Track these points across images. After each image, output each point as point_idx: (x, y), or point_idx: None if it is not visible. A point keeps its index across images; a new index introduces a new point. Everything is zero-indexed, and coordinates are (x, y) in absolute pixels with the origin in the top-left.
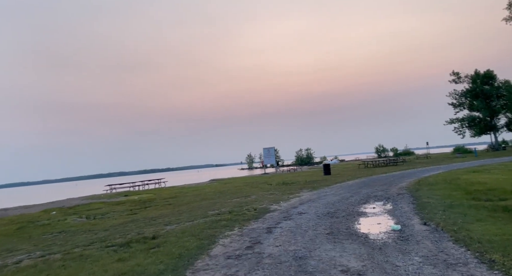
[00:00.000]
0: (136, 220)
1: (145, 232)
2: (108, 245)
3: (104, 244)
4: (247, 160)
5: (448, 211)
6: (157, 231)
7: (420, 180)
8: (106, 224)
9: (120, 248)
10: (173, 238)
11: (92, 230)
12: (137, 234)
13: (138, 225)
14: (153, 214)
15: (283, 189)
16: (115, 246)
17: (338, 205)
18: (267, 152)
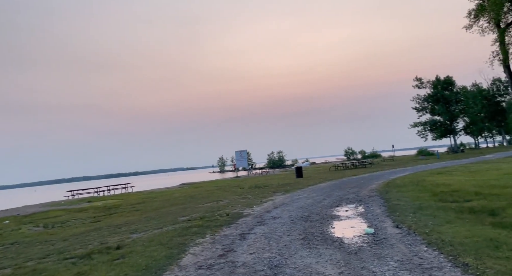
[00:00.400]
0: (100, 228)
1: (108, 242)
2: (66, 257)
3: (62, 256)
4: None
5: (418, 213)
6: (122, 240)
7: (388, 182)
8: (66, 233)
9: (80, 260)
10: (140, 247)
11: (50, 240)
12: (100, 243)
13: (102, 233)
14: (118, 221)
15: (256, 193)
16: (75, 258)
17: (312, 208)
18: (239, 155)
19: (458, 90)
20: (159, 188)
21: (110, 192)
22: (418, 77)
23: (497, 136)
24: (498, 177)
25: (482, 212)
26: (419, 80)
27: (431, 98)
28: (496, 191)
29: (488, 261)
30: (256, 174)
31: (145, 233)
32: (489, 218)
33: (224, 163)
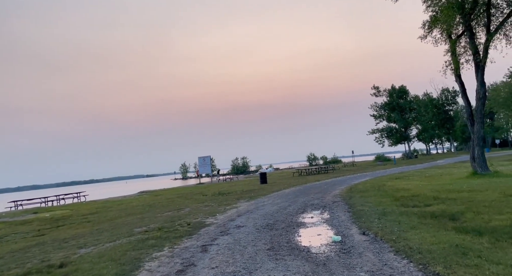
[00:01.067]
0: (43, 243)
1: (51, 259)
2: None
3: None
4: (181, 170)
5: (383, 219)
6: (67, 257)
7: (351, 187)
8: (2, 250)
9: None
10: (87, 264)
11: None
12: (41, 261)
13: (45, 249)
14: (66, 234)
15: (219, 200)
16: None
17: (277, 215)
18: (202, 161)
19: (412, 99)
20: (116, 197)
21: (60, 201)
22: (376, 86)
23: (446, 143)
24: (451, 182)
25: (443, 217)
26: (376, 89)
27: (387, 106)
28: (452, 195)
29: (458, 270)
30: (220, 180)
31: (95, 247)
32: (450, 222)
33: (186, 170)
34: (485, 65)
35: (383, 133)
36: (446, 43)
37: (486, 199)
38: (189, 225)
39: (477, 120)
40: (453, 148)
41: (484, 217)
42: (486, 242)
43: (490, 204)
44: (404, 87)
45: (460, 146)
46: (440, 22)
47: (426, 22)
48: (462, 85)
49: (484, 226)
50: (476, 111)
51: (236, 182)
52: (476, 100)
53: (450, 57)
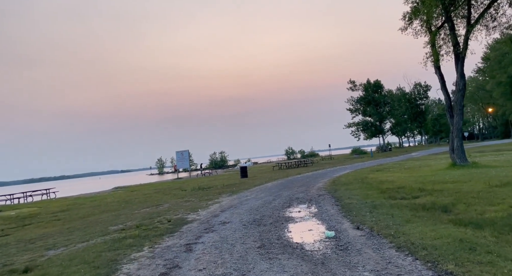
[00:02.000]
0: (6, 245)
1: (15, 262)
2: None
3: None
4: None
5: (375, 212)
6: (34, 260)
7: (334, 180)
8: None
9: None
10: (56, 268)
11: None
12: (2, 266)
13: (8, 251)
14: (33, 234)
15: (200, 195)
16: None
17: (263, 210)
18: (180, 156)
19: (386, 94)
20: (89, 193)
21: (27, 199)
22: (352, 80)
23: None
24: (432, 173)
25: (435, 209)
26: (352, 83)
27: (363, 100)
28: (437, 186)
29: (473, 268)
30: (199, 175)
31: (66, 248)
32: (444, 215)
33: (163, 165)
34: (465, 57)
35: (359, 127)
36: (426, 35)
37: (473, 190)
38: (169, 222)
39: (457, 112)
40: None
41: (477, 209)
42: (489, 235)
43: (478, 195)
44: (379, 81)
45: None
46: (421, 13)
47: (407, 13)
48: (442, 77)
49: (480, 218)
50: (455, 103)
51: (216, 177)
52: (456, 92)
53: (430, 49)
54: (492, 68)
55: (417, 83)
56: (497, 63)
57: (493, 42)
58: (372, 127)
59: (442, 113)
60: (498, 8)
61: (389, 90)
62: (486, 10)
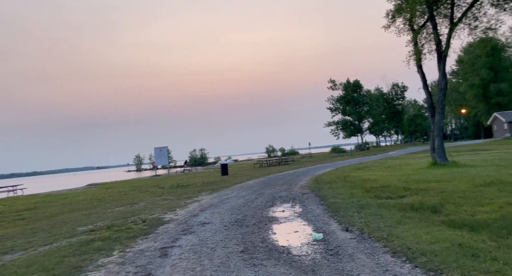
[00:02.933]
0: None
1: None
2: None
3: None
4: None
5: (362, 213)
6: None
7: (316, 178)
8: None
9: None
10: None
11: None
12: None
13: None
14: None
15: (178, 193)
16: None
17: (245, 209)
18: (159, 152)
19: (365, 93)
20: (60, 190)
21: None
22: (332, 80)
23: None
24: (414, 172)
25: (423, 209)
26: (332, 82)
27: (343, 100)
28: (422, 185)
29: None
30: (178, 172)
31: (25, 252)
32: (434, 216)
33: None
34: (448, 56)
35: (338, 126)
36: (409, 34)
37: (458, 190)
38: (144, 222)
39: (438, 111)
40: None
41: (467, 209)
42: (488, 239)
43: (464, 194)
44: (358, 81)
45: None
46: (404, 11)
47: (390, 11)
48: (423, 76)
49: (473, 220)
50: (437, 102)
51: (195, 174)
52: (438, 91)
53: (413, 47)
54: (465, 70)
55: (395, 84)
56: (470, 66)
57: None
58: (351, 126)
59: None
60: (480, 8)
61: (367, 90)
62: (469, 9)
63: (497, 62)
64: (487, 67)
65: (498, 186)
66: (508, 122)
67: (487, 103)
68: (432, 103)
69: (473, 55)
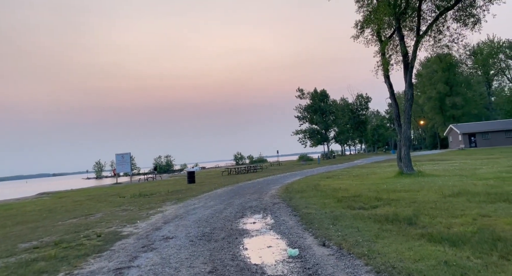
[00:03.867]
0: None
1: None
2: None
3: None
4: (95, 168)
5: (338, 225)
6: None
7: (286, 186)
8: None
9: None
10: None
11: None
12: None
13: None
14: None
15: (140, 203)
16: None
17: (213, 221)
18: (120, 159)
19: (331, 103)
20: (6, 200)
21: None
22: (300, 89)
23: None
24: (382, 181)
25: (399, 221)
26: (301, 91)
27: (310, 109)
28: (392, 195)
29: None
30: (141, 180)
31: None
32: (411, 228)
33: (101, 168)
34: (414, 67)
35: (306, 134)
36: (376, 45)
37: (428, 200)
38: (99, 237)
39: (405, 121)
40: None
41: (442, 221)
42: (472, 256)
43: (436, 205)
44: (325, 91)
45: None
46: (372, 23)
47: (359, 22)
48: (391, 86)
49: (450, 233)
50: (403, 112)
51: (160, 182)
52: (404, 101)
53: (380, 58)
54: (423, 84)
55: (359, 94)
56: (428, 79)
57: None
58: (318, 135)
59: (380, 124)
60: (444, 22)
61: (333, 100)
62: (433, 22)
63: (452, 77)
64: (443, 82)
65: (466, 197)
66: (462, 133)
67: (443, 115)
68: (399, 113)
69: (431, 70)
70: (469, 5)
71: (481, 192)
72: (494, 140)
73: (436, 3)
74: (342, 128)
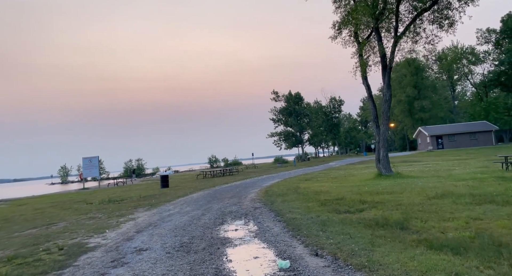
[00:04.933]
0: None
1: None
2: None
3: None
4: (61, 173)
5: (328, 231)
6: None
7: (266, 189)
8: None
9: None
10: None
11: None
12: None
13: None
14: None
15: (109, 209)
16: None
17: (191, 229)
18: (88, 162)
19: (305, 106)
20: None
21: None
22: (275, 91)
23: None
24: (362, 183)
25: (390, 226)
26: (275, 94)
27: (285, 111)
28: (376, 198)
29: None
30: (110, 185)
31: None
32: (405, 234)
33: (67, 173)
34: (392, 67)
35: (281, 137)
36: (354, 46)
37: (413, 202)
38: (61, 251)
39: (383, 122)
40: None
41: (434, 226)
42: (481, 265)
43: (423, 208)
44: (299, 93)
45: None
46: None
47: (336, 22)
48: (369, 87)
49: (449, 239)
50: (382, 113)
51: (131, 186)
52: (383, 102)
53: (358, 59)
54: (394, 87)
55: (333, 97)
56: (397, 83)
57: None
58: (293, 137)
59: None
60: (421, 24)
61: (307, 103)
62: (411, 23)
63: (420, 81)
64: (411, 85)
65: (451, 198)
66: (430, 136)
67: (412, 118)
68: (377, 115)
69: (400, 74)
70: (445, 7)
71: (464, 194)
72: (460, 142)
73: (413, 4)
74: (316, 130)
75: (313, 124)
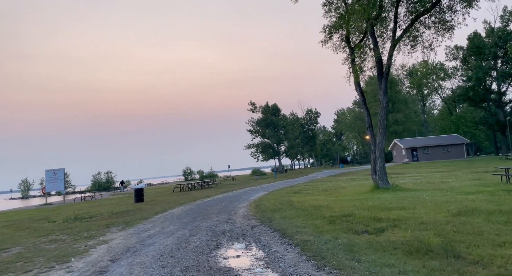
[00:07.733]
0: None
1: None
2: None
3: None
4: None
5: (363, 262)
6: None
7: (256, 204)
8: None
9: None
10: None
11: None
12: None
13: None
14: None
15: (76, 229)
16: None
17: (181, 256)
18: (52, 175)
19: (282, 118)
20: None
21: None
22: (252, 102)
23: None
24: (360, 197)
25: (437, 254)
26: (253, 105)
27: (262, 122)
28: (390, 214)
29: None
30: (77, 200)
31: None
32: (465, 266)
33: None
34: (389, 73)
35: (258, 148)
36: (345, 51)
37: (438, 220)
38: None
39: (380, 130)
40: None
41: (494, 254)
42: None
43: (457, 228)
44: (276, 105)
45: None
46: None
47: (327, 26)
48: (362, 94)
49: None
50: (378, 121)
51: (100, 201)
52: (380, 109)
53: (350, 65)
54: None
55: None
56: (372, 96)
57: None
58: (270, 149)
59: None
60: (420, 26)
61: (284, 115)
62: (410, 27)
63: (394, 94)
64: None
65: (481, 216)
66: (406, 148)
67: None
68: (371, 123)
69: (375, 87)
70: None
71: (493, 210)
72: (434, 154)
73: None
74: (292, 142)
75: (289, 136)
